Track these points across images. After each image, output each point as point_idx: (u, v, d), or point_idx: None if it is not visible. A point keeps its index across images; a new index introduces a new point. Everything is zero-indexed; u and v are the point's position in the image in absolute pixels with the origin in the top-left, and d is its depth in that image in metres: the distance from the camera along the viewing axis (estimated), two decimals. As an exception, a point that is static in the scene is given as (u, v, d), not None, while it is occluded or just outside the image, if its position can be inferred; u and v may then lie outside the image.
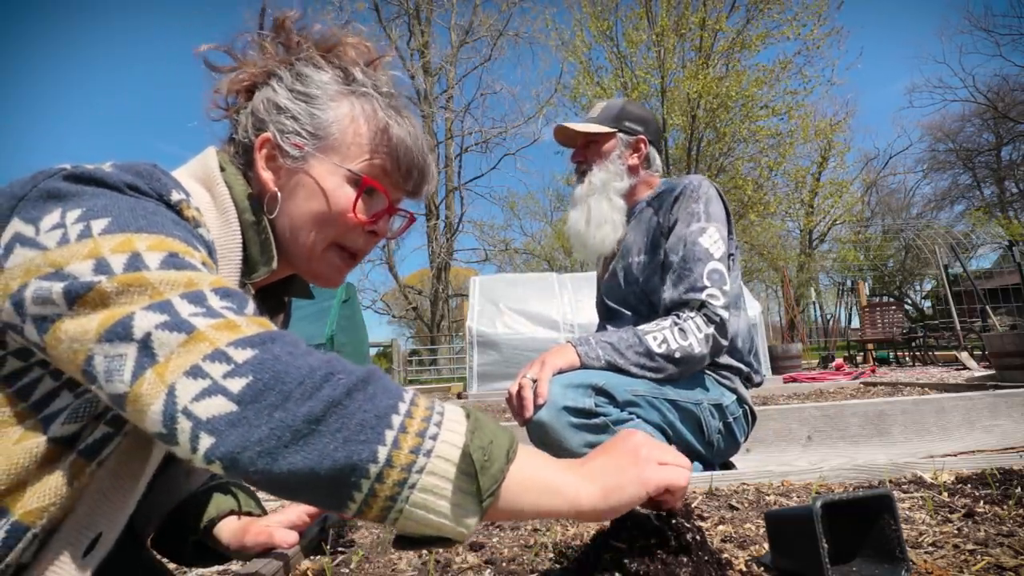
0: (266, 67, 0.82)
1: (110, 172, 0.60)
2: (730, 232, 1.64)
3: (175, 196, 0.63)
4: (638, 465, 0.61)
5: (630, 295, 1.70)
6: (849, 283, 22.77)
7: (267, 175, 0.80)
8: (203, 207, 0.72)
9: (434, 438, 0.52)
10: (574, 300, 7.64)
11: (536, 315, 7.57)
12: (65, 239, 0.53)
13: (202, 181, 0.76)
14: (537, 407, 1.30)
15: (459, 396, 5.72)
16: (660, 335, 1.43)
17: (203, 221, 0.67)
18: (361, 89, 0.82)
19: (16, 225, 0.55)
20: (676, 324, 1.45)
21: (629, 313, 1.71)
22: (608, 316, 1.80)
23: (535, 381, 1.32)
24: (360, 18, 17.84)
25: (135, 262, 0.53)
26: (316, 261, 0.82)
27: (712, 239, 1.54)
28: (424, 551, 0.96)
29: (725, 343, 1.49)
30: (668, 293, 1.53)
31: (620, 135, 1.74)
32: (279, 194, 0.79)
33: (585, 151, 1.78)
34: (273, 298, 0.91)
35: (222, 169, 0.78)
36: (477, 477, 0.52)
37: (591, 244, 1.73)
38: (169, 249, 0.56)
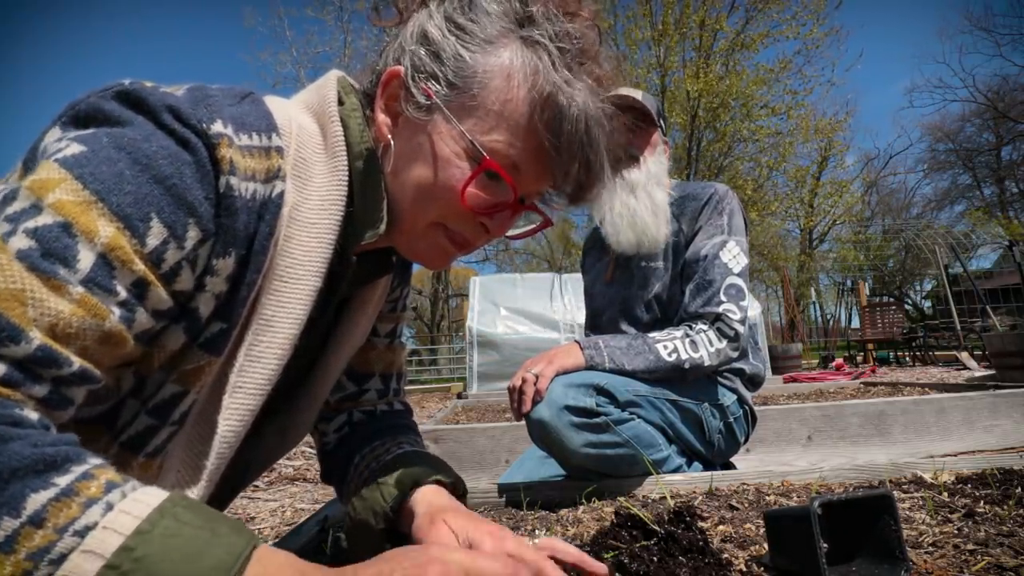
0: None
1: (157, 95, 0.52)
2: None
3: (216, 128, 0.52)
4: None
5: (641, 298, 1.66)
6: (849, 283, 22.80)
7: (383, 118, 0.66)
8: (306, 147, 0.61)
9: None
10: (574, 300, 7.63)
11: (536, 315, 7.57)
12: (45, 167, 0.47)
13: (316, 113, 0.65)
14: (535, 403, 1.30)
15: (459, 396, 5.72)
16: (671, 344, 1.43)
17: (246, 166, 0.54)
18: (534, 35, 0.62)
19: (55, 131, 0.51)
20: (688, 336, 1.45)
21: (627, 323, 1.67)
22: (602, 325, 1.74)
23: (538, 377, 1.32)
24: (358, 17, 17.84)
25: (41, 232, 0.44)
26: (417, 237, 0.68)
27: (732, 253, 1.54)
28: None
29: (735, 356, 1.49)
30: (685, 305, 1.53)
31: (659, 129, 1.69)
32: (392, 145, 0.65)
33: (631, 135, 1.60)
34: (376, 257, 0.75)
35: (340, 102, 0.66)
36: None
37: (654, 237, 1.59)
38: (107, 246, 0.46)
